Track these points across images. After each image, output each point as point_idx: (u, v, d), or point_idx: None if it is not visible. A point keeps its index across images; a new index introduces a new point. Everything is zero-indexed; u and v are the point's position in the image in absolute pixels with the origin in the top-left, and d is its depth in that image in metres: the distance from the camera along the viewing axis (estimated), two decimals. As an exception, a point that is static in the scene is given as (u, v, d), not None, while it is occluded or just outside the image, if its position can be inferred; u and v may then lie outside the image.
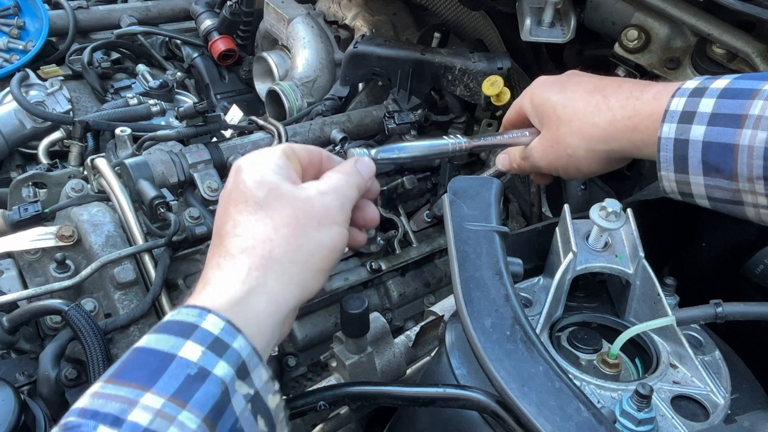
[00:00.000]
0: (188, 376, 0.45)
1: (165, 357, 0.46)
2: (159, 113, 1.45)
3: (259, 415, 0.48)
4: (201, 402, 0.44)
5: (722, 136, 0.63)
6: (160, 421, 0.43)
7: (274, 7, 1.59)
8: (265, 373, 0.50)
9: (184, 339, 0.47)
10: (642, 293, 0.71)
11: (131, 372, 0.46)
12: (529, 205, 1.33)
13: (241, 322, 0.50)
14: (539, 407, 0.53)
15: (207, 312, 0.49)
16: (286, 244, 0.55)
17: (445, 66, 1.29)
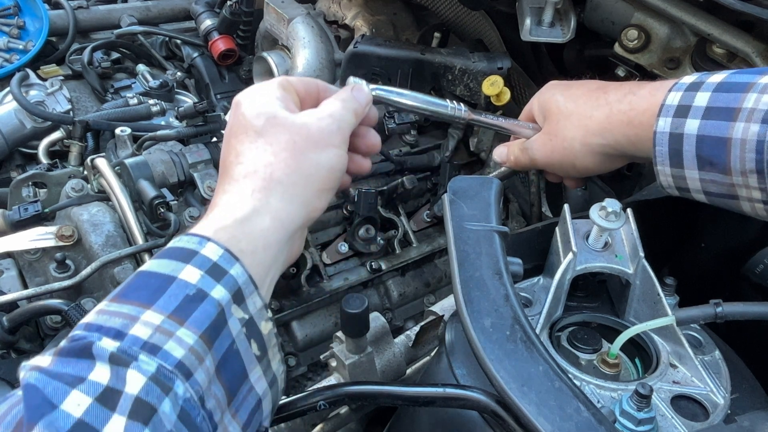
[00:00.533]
0: (187, 296, 0.47)
1: (166, 279, 0.48)
2: (159, 113, 1.45)
3: (253, 339, 0.51)
4: (199, 320, 0.47)
5: (716, 129, 0.63)
6: (159, 335, 0.45)
7: (274, 7, 1.59)
8: (259, 300, 0.52)
9: (184, 263, 0.49)
10: (642, 293, 0.71)
11: (134, 292, 0.48)
12: (529, 205, 1.33)
13: (247, 240, 0.54)
14: (539, 407, 0.53)
15: (207, 240, 0.51)
16: (286, 166, 0.58)
17: (445, 66, 1.29)
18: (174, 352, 0.45)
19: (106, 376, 0.42)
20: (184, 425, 0.44)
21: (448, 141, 1.41)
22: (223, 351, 0.48)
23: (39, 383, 0.42)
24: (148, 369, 0.43)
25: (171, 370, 0.44)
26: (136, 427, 0.41)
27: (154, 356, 0.44)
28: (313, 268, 1.21)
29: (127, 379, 0.43)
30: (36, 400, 0.41)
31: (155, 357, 0.44)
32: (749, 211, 0.65)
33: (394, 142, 1.39)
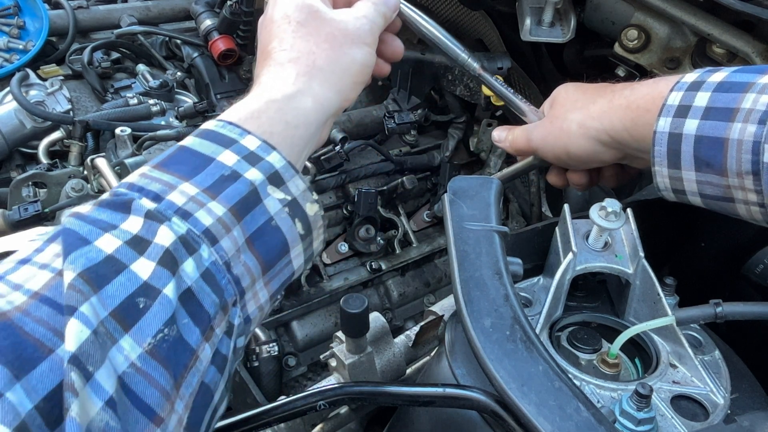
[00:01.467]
0: (222, 176, 0.52)
1: (205, 159, 0.53)
2: (159, 113, 1.45)
3: (297, 218, 0.55)
4: (229, 196, 0.51)
5: (714, 129, 0.62)
6: (192, 204, 0.50)
7: (274, 7, 1.58)
8: (302, 183, 0.57)
9: (223, 148, 0.54)
10: (642, 293, 0.71)
11: (175, 164, 0.53)
12: (529, 205, 1.33)
13: (292, 115, 0.60)
14: (539, 407, 0.53)
15: (247, 133, 0.56)
16: (327, 57, 0.65)
17: (445, 66, 1.29)
18: (203, 220, 0.49)
19: (137, 227, 0.47)
20: (206, 284, 0.48)
21: (448, 141, 1.41)
22: (257, 226, 0.53)
23: (74, 226, 0.46)
24: (178, 230, 0.48)
25: (198, 235, 0.49)
26: (164, 273, 0.46)
27: (185, 221, 0.49)
28: (313, 268, 1.21)
29: (157, 233, 0.47)
30: (71, 238, 0.45)
31: (186, 221, 0.49)
32: (745, 215, 0.65)
33: (394, 142, 1.39)
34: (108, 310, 0.42)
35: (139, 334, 0.43)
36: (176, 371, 0.45)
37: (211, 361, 0.48)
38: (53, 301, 0.41)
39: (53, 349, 0.39)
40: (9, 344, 0.38)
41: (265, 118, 0.59)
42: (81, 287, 0.42)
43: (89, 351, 0.40)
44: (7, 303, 0.40)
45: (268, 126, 0.58)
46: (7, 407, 0.36)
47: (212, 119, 0.58)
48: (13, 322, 0.39)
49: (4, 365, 0.37)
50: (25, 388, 0.37)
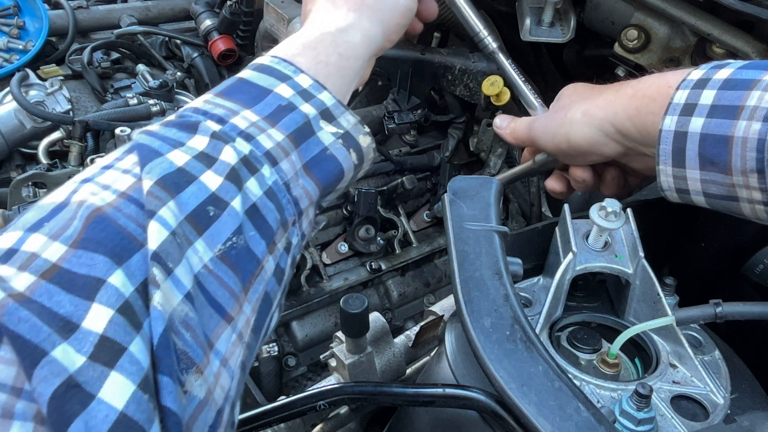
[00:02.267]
0: (279, 106, 0.56)
1: (263, 90, 0.57)
2: (159, 113, 1.45)
3: (352, 149, 0.60)
4: (287, 125, 0.56)
5: (719, 127, 0.62)
6: (254, 129, 0.54)
7: (273, 7, 1.59)
8: (352, 118, 0.61)
9: (280, 82, 0.58)
10: (642, 293, 0.71)
11: (236, 93, 0.56)
12: (529, 205, 1.33)
13: (345, 47, 0.66)
14: (539, 407, 0.53)
15: (300, 71, 0.60)
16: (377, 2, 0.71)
17: (444, 66, 1.29)
18: (264, 143, 0.53)
19: (203, 144, 0.50)
20: (269, 200, 0.52)
21: (447, 141, 1.41)
22: (314, 153, 0.57)
23: (146, 141, 0.49)
24: (241, 150, 0.51)
25: (260, 156, 0.52)
26: (231, 187, 0.49)
27: (248, 142, 0.52)
28: (313, 268, 1.21)
29: (222, 151, 0.50)
30: (145, 151, 0.48)
31: (249, 143, 0.52)
32: (749, 214, 0.64)
33: (394, 142, 1.39)
34: (184, 215, 0.46)
35: (211, 239, 0.47)
36: (244, 277, 0.48)
37: (273, 273, 0.52)
38: (138, 202, 0.44)
39: (143, 244, 0.42)
40: (107, 235, 0.42)
41: (321, 49, 0.64)
42: (158, 193, 0.45)
43: (169, 249, 0.43)
44: (100, 200, 0.44)
45: (324, 56, 0.63)
46: (111, 291, 0.39)
47: (266, 55, 0.62)
48: (108, 215, 0.43)
49: (104, 254, 0.41)
50: (126, 273, 0.41)
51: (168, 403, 0.39)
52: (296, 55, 0.62)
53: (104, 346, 0.38)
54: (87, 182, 0.46)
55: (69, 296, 0.38)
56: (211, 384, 0.44)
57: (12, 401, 0.36)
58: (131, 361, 0.38)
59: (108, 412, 0.36)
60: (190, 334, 0.42)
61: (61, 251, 0.40)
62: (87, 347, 0.37)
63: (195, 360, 0.42)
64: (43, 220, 0.42)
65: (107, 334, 0.38)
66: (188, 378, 0.42)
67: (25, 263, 0.39)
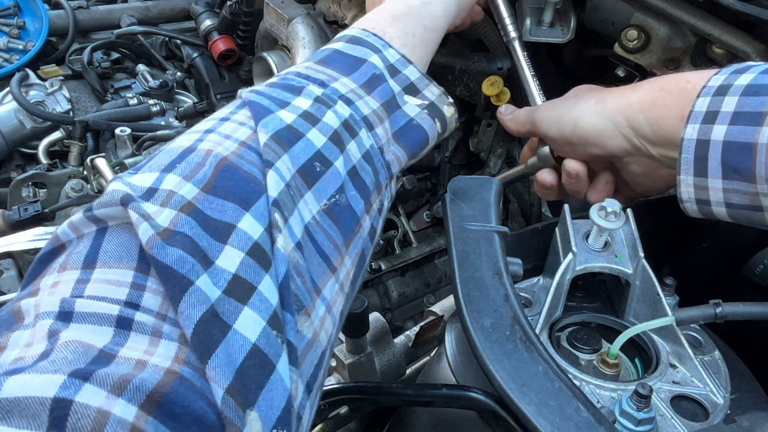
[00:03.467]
0: (374, 75, 0.60)
1: (358, 60, 0.61)
2: (159, 113, 1.45)
3: (436, 118, 0.64)
4: (380, 94, 0.59)
5: (742, 135, 0.60)
6: (352, 95, 0.57)
7: (274, 7, 1.59)
8: (436, 89, 0.65)
9: (372, 53, 0.61)
10: (642, 293, 0.71)
11: (333, 62, 0.60)
12: (529, 205, 1.33)
13: (428, 20, 0.69)
14: (539, 407, 0.53)
15: (389, 46, 0.63)
16: None
17: (444, 66, 1.29)
18: (362, 108, 0.57)
19: (307, 104, 0.53)
20: (366, 163, 0.55)
21: (447, 141, 1.41)
22: (401, 124, 0.60)
23: (256, 98, 0.53)
24: (342, 114, 0.54)
25: (359, 120, 0.55)
26: (334, 148, 0.52)
27: (348, 106, 0.55)
28: (313, 268, 1.21)
29: (326, 114, 0.53)
30: (257, 108, 0.52)
31: (349, 107, 0.55)
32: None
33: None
34: (295, 168, 0.49)
35: (318, 193, 0.50)
36: (346, 232, 0.51)
37: (368, 232, 0.55)
38: (258, 151, 0.48)
39: (266, 190, 0.45)
40: (235, 183, 0.44)
41: (408, 21, 0.67)
42: (273, 147, 0.48)
43: (285, 199, 0.46)
44: (224, 149, 0.47)
45: (411, 28, 0.66)
46: (241, 235, 0.42)
47: (355, 27, 0.65)
48: (233, 163, 0.46)
49: (233, 201, 0.43)
50: (254, 216, 0.43)
51: (290, 337, 0.42)
52: (386, 27, 0.65)
53: (237, 283, 0.40)
54: (210, 132, 0.49)
55: (205, 233, 0.41)
56: (317, 326, 0.47)
57: (159, 324, 0.38)
58: (261, 299, 0.41)
59: (243, 342, 0.39)
60: (300, 280, 0.45)
61: (194, 192, 0.43)
62: (222, 282, 0.40)
63: (304, 303, 0.45)
64: (175, 161, 0.45)
65: (239, 273, 0.41)
66: (299, 319, 0.44)
67: (166, 200, 0.42)
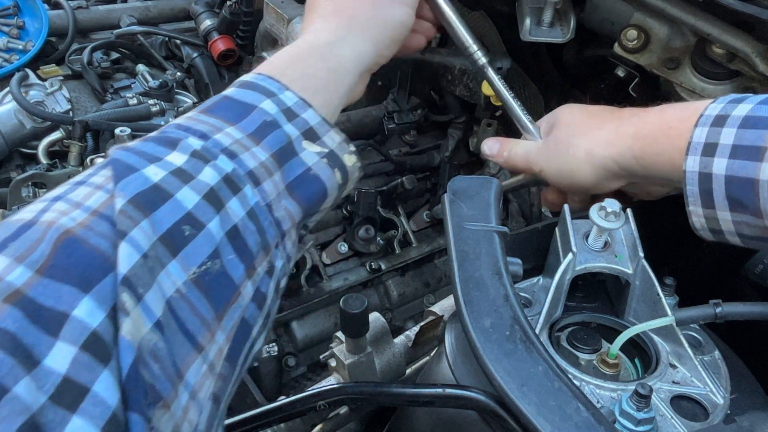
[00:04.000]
0: (264, 122, 0.55)
1: (248, 106, 0.56)
2: (159, 113, 1.45)
3: (337, 168, 0.58)
4: (271, 143, 0.54)
5: (743, 170, 0.60)
6: (237, 146, 0.52)
7: (273, 7, 1.59)
8: (337, 136, 0.60)
9: (265, 97, 0.57)
10: (641, 293, 0.71)
11: (220, 110, 0.55)
12: (528, 205, 1.33)
13: (334, 60, 0.65)
14: (538, 407, 0.53)
15: (285, 89, 0.58)
16: (367, 11, 0.70)
17: (444, 66, 1.29)
18: (248, 161, 0.52)
19: (181, 160, 0.48)
20: (251, 221, 0.50)
21: (447, 141, 1.41)
22: (297, 174, 0.55)
23: (122, 156, 0.48)
24: (223, 168, 0.50)
25: (243, 175, 0.51)
26: (208, 208, 0.47)
27: (231, 160, 0.51)
28: (313, 268, 1.21)
29: (203, 170, 0.49)
30: (120, 166, 0.46)
31: (232, 161, 0.51)
32: None
33: (393, 142, 1.39)
34: (157, 235, 0.44)
35: (185, 261, 0.44)
36: (218, 303, 0.46)
37: (252, 299, 0.50)
38: (111, 219, 0.42)
39: (115, 264, 0.40)
40: (76, 260, 0.39)
41: (309, 62, 0.64)
42: (131, 213, 0.43)
43: (139, 273, 0.41)
44: (71, 219, 0.41)
45: (312, 70, 0.63)
46: (76, 325, 0.36)
47: (252, 72, 0.61)
48: (77, 237, 0.40)
49: (71, 284, 0.38)
50: (95, 299, 0.38)
51: None
52: (285, 69, 0.61)
53: (66, 387, 0.35)
54: (58, 200, 0.43)
55: (33, 327, 0.35)
56: (178, 419, 0.41)
57: None
58: (95, 402, 0.36)
59: None
60: (158, 366, 0.40)
61: (26, 276, 0.37)
62: (48, 386, 0.34)
63: (162, 394, 0.40)
64: (8, 240, 0.39)
65: (70, 374, 0.35)
66: (155, 413, 0.39)
67: None
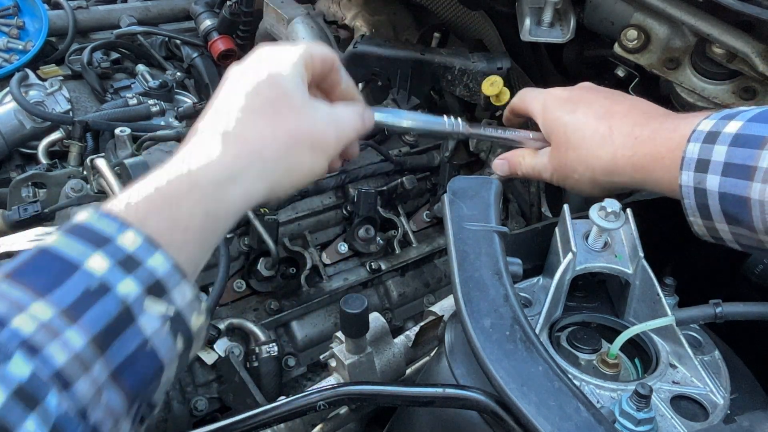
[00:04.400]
0: (87, 291, 0.42)
1: (69, 266, 0.43)
2: (158, 113, 1.45)
3: (180, 333, 0.47)
4: (93, 320, 0.42)
5: (735, 187, 0.62)
6: (43, 333, 0.40)
7: (273, 7, 1.59)
8: (189, 291, 0.47)
9: (94, 249, 0.44)
10: (641, 293, 0.71)
11: (31, 275, 0.43)
12: (528, 205, 1.33)
13: (215, 205, 0.52)
14: (538, 407, 0.53)
15: (126, 227, 0.46)
16: (276, 150, 0.58)
17: (444, 66, 1.29)
18: (56, 356, 0.40)
19: None
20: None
21: (447, 141, 1.41)
22: (126, 354, 0.43)
23: None
24: (17, 376, 0.38)
25: (46, 380, 0.39)
26: None
27: (31, 358, 0.39)
28: (313, 269, 1.21)
29: None
30: None
31: (32, 359, 0.39)
32: None
33: (393, 142, 1.39)
34: None
35: None
36: None
37: None
38: None
39: None
40: None
41: (183, 205, 0.50)
42: None
43: None
44: None
45: (185, 215, 0.50)
46: None
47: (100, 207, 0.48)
48: None
49: None
50: None
51: None
52: (146, 213, 0.48)
53: None
54: None
55: None
56: None
57: None
58: None
59: None
60: None
61: None
62: None
63: None
64: None
65: None
66: None
67: None
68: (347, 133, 0.65)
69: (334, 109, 0.65)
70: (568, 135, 0.79)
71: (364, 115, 0.69)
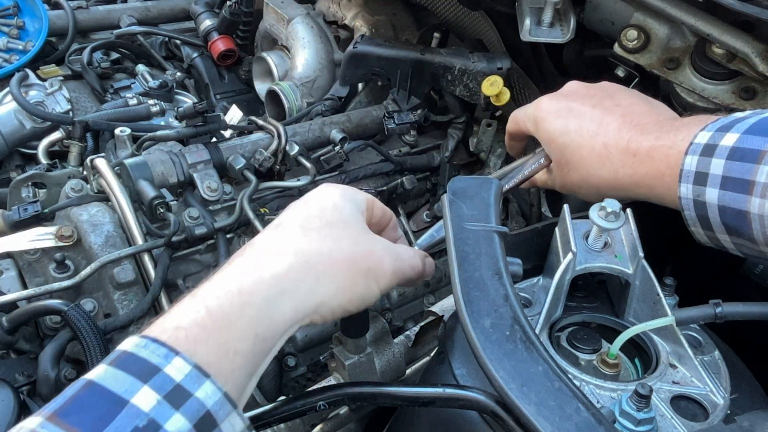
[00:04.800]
0: (136, 429, 0.41)
1: (117, 402, 0.42)
2: (159, 113, 1.45)
3: None
4: None
5: (734, 201, 0.63)
6: None
7: (273, 7, 1.59)
8: (240, 422, 0.46)
9: (141, 383, 0.43)
10: (641, 293, 0.71)
11: (77, 412, 0.41)
12: (528, 205, 1.33)
13: (264, 327, 0.50)
14: (538, 407, 0.53)
15: (174, 353, 0.44)
16: (332, 266, 0.56)
17: (444, 66, 1.29)
18: None
19: None
20: None
21: (447, 141, 1.41)
22: None
23: None
24: None
25: None
26: None
27: None
28: (313, 269, 1.21)
29: None
30: None
31: None
32: None
33: (394, 142, 1.39)
34: None
35: None
36: None
37: None
38: None
39: None
40: None
41: (234, 329, 0.48)
42: None
43: None
44: None
45: (236, 341, 0.48)
46: None
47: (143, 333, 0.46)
48: None
49: None
50: None
51: None
52: (196, 338, 0.47)
53: None
54: None
55: None
56: None
57: None
58: None
59: None
60: None
61: None
62: None
63: None
64: None
65: None
66: None
67: None
68: (404, 270, 0.64)
69: (393, 245, 0.65)
70: (566, 156, 0.80)
71: (425, 260, 0.69)
